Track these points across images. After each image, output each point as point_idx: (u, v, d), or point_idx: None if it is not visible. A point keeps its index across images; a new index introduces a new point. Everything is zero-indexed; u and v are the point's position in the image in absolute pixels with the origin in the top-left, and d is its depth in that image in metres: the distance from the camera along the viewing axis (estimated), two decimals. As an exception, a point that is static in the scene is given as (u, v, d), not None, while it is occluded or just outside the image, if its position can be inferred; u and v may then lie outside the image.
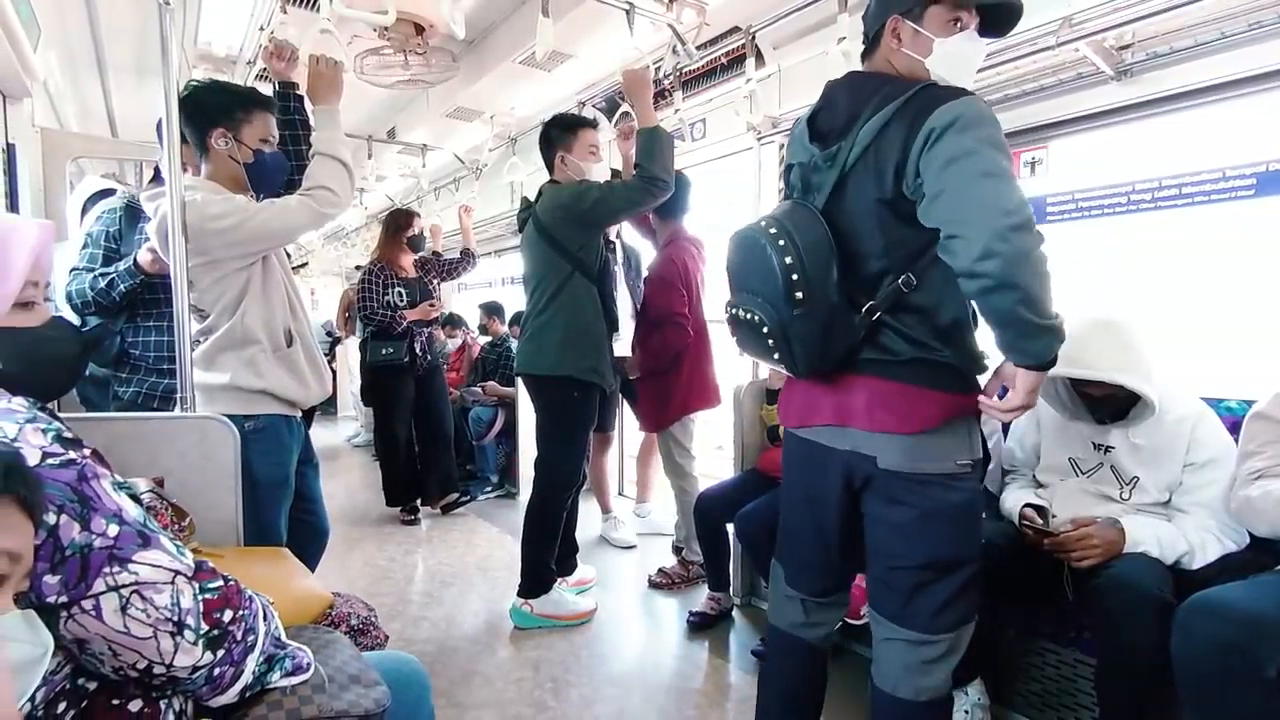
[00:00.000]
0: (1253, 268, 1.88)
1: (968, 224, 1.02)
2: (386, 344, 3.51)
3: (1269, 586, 1.30)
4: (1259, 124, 1.83)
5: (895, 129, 1.11)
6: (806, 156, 1.25)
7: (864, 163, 1.15)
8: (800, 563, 1.40)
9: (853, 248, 1.18)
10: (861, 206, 1.17)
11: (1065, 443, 1.77)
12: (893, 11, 1.20)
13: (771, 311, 1.17)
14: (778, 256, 1.14)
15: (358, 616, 1.27)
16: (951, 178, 1.04)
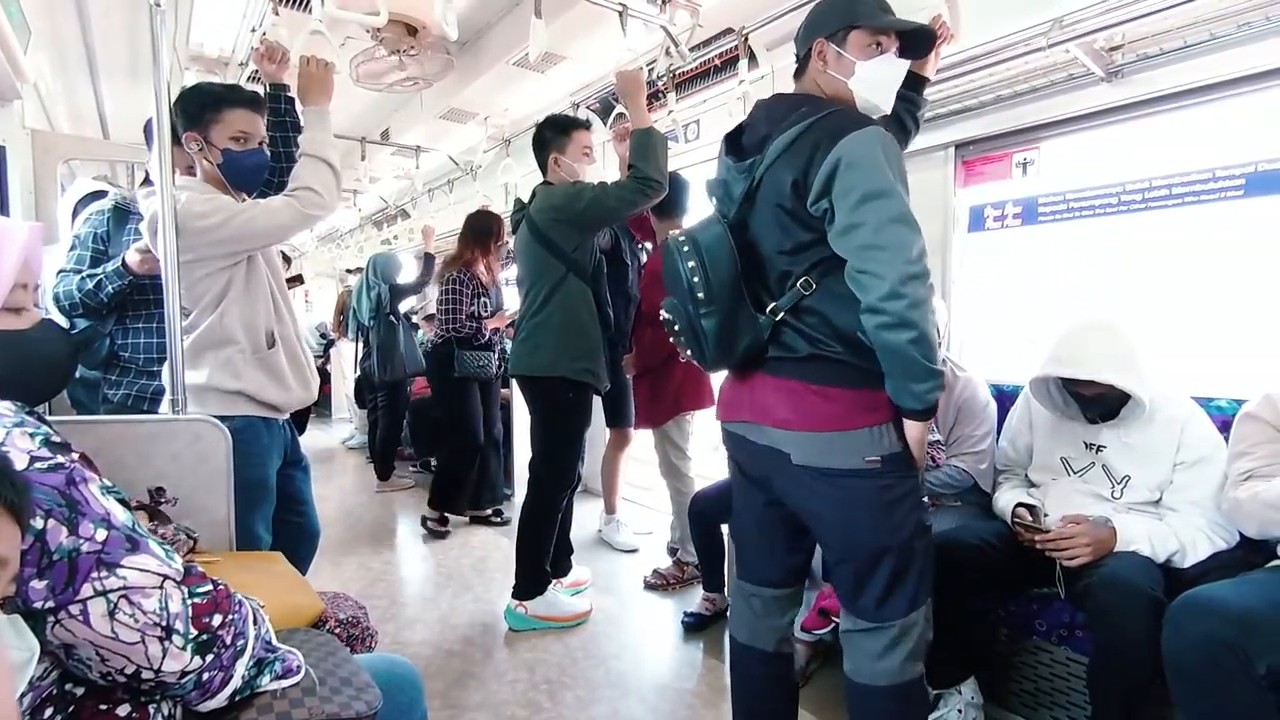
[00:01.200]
0: (1243, 268, 1.89)
1: (879, 264, 1.12)
2: (478, 354, 3.45)
3: (1259, 584, 1.31)
4: (1248, 125, 1.84)
5: (800, 145, 1.20)
6: (724, 170, 1.36)
7: (770, 176, 1.24)
8: (748, 552, 1.47)
9: (760, 252, 1.29)
10: (767, 216, 1.27)
11: (1057, 442, 1.79)
12: (818, 35, 1.31)
13: (681, 310, 1.28)
14: (682, 262, 1.25)
15: (349, 616, 1.26)
16: (867, 216, 1.13)
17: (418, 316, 5.32)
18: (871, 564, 1.25)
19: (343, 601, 1.36)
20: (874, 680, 1.28)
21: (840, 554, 1.29)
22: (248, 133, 1.63)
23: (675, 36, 2.48)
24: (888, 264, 1.11)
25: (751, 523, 1.44)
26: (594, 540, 3.34)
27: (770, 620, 1.45)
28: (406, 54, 2.32)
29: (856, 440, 1.22)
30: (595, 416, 2.82)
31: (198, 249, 1.53)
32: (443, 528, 3.49)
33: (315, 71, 1.72)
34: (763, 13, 2.42)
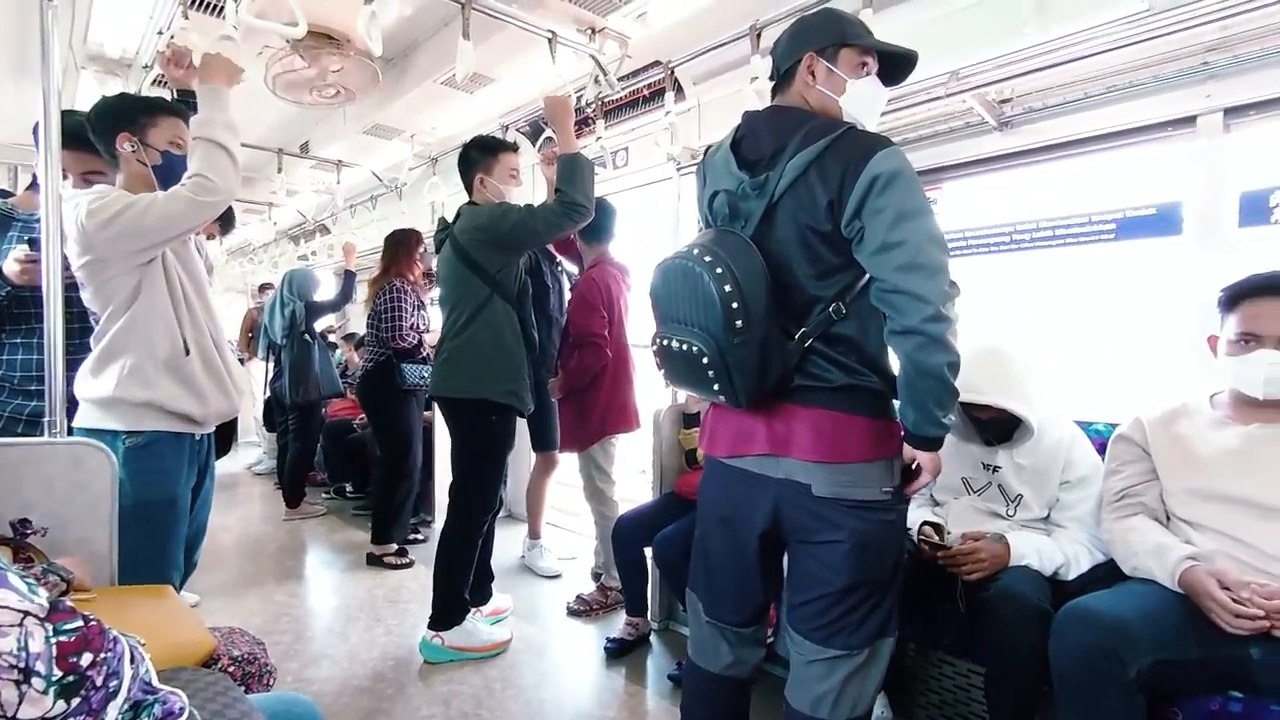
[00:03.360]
0: (1115, 303, 2.08)
1: (920, 285, 1.09)
2: (420, 366, 3.32)
3: (1131, 595, 1.42)
4: (1118, 175, 2.05)
5: (830, 165, 1.14)
6: (734, 184, 1.25)
7: (793, 194, 1.18)
8: (718, 591, 1.39)
9: (783, 276, 1.20)
10: (792, 235, 1.19)
11: (959, 463, 1.88)
12: (808, 48, 1.26)
13: (710, 341, 1.16)
14: (717, 285, 1.14)
15: (244, 653, 1.18)
16: (907, 234, 1.09)
17: (335, 335, 5.11)
18: (866, 594, 1.22)
19: (238, 637, 1.28)
20: (834, 715, 1.23)
21: (839, 586, 1.21)
22: (183, 140, 1.61)
23: (604, 66, 2.53)
24: (930, 285, 1.09)
25: (728, 563, 1.35)
26: (517, 566, 3.26)
27: (744, 651, 1.40)
28: (328, 67, 2.26)
29: (877, 471, 1.21)
30: (520, 440, 2.80)
31: (96, 248, 1.45)
32: (402, 560, 3.31)
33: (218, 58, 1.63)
34: (688, 48, 2.51)
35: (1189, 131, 1.85)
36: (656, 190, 3.28)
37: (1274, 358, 1.38)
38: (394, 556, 3.31)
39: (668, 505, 2.38)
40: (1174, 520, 1.52)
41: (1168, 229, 1.92)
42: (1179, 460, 1.53)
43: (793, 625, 1.30)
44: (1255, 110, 1.76)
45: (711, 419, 1.40)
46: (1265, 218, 1.75)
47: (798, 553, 1.28)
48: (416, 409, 3.42)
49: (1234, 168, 1.80)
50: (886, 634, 1.26)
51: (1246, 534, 1.39)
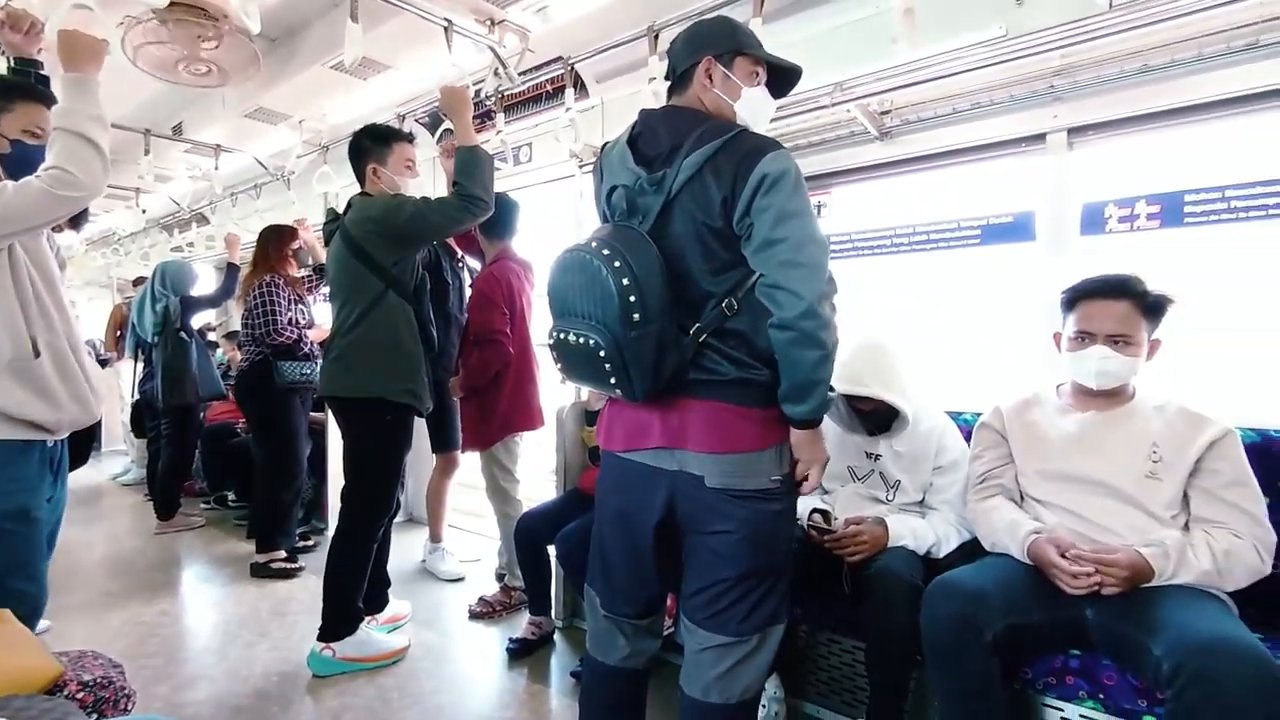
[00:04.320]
0: (980, 303, 2.27)
1: (797, 281, 1.14)
2: (300, 363, 3.11)
3: (988, 568, 1.56)
4: (984, 186, 2.24)
5: (724, 164, 1.18)
6: (631, 179, 1.27)
7: (689, 191, 1.20)
8: (615, 585, 1.41)
9: (678, 271, 1.22)
10: (687, 232, 1.21)
11: (844, 452, 1.99)
12: (707, 52, 1.30)
13: (608, 335, 1.17)
14: (615, 279, 1.15)
15: (96, 678, 1.08)
16: (788, 232, 1.14)
17: (216, 333, 4.75)
18: (758, 581, 1.25)
19: (90, 661, 1.17)
20: (727, 699, 1.27)
21: (732, 575, 1.25)
22: (43, 129, 1.50)
23: (504, 59, 2.50)
24: (806, 282, 1.14)
25: (624, 557, 1.37)
26: (419, 571, 3.16)
27: (641, 643, 1.42)
28: (200, 43, 2.09)
29: (765, 460, 1.24)
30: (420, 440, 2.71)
31: None
32: (291, 565, 3.14)
33: (82, 37, 1.48)
34: (589, 45, 2.51)
35: (1040, 148, 2.06)
36: (559, 187, 3.27)
37: (1104, 353, 1.55)
38: (282, 562, 3.12)
39: (571, 502, 2.38)
40: (1027, 499, 1.68)
41: (1023, 235, 2.12)
42: (1030, 445, 1.69)
43: (687, 614, 1.33)
44: (1094, 131, 1.98)
45: (608, 414, 1.41)
46: (1101, 227, 1.96)
47: (692, 544, 1.31)
48: (300, 408, 3.23)
49: (1076, 182, 2.02)
50: (777, 620, 1.31)
51: (1083, 508, 1.56)
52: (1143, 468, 1.52)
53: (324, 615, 2.17)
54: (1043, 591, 1.48)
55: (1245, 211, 1.76)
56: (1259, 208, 1.75)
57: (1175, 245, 1.87)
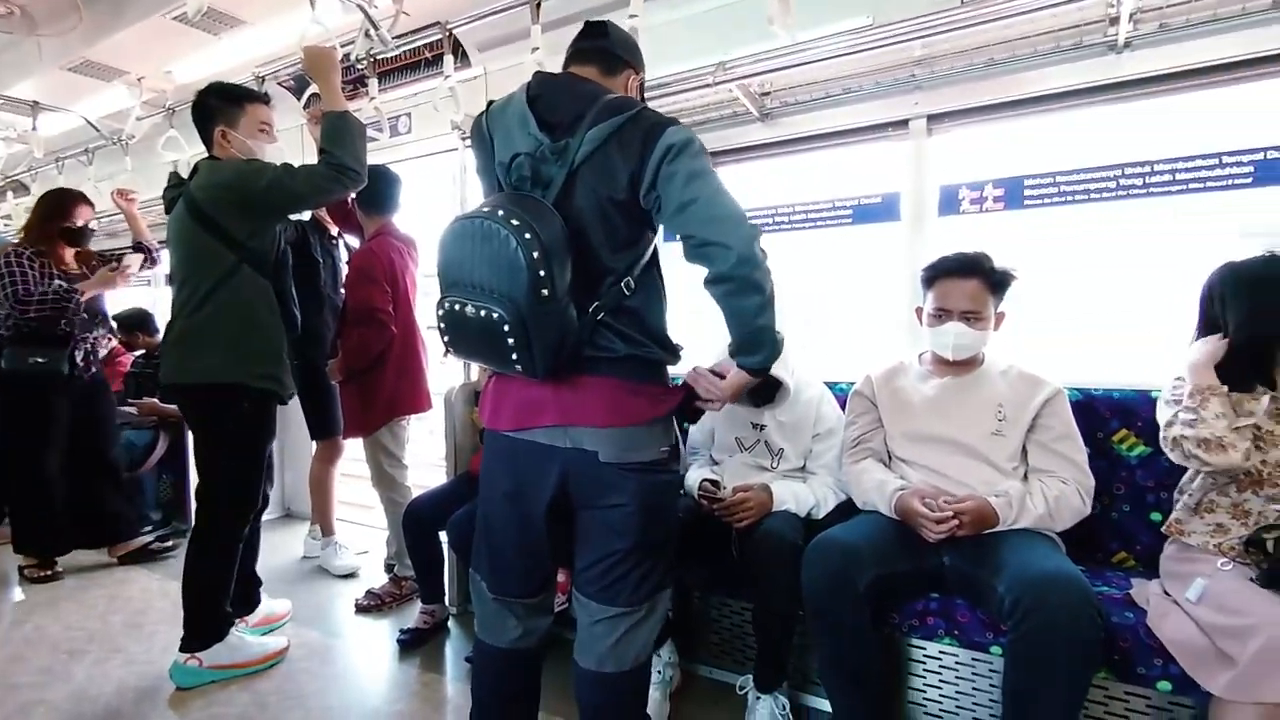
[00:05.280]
0: (853, 278, 2.42)
1: (724, 233, 1.14)
2: (37, 350, 2.68)
3: (862, 524, 1.68)
4: (856, 167, 2.36)
5: (630, 138, 1.16)
6: (533, 146, 1.21)
7: (592, 164, 1.18)
8: (504, 566, 1.38)
9: (579, 246, 1.19)
10: (590, 205, 1.19)
11: (732, 424, 2.07)
12: (634, 68, 1.36)
13: (513, 309, 1.12)
14: (524, 251, 1.09)
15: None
16: (698, 191, 1.14)
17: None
18: (647, 553, 1.27)
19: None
20: (620, 666, 1.29)
21: (624, 547, 1.26)
22: None
23: (375, 20, 2.33)
24: (733, 231, 1.14)
25: (514, 537, 1.35)
26: (303, 568, 2.98)
27: (533, 623, 1.40)
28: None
29: (654, 432, 1.26)
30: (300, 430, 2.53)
31: None
32: (47, 570, 2.86)
33: None
34: (467, 10, 2.40)
35: (904, 133, 2.20)
36: (441, 161, 3.13)
37: (959, 329, 1.71)
38: (37, 569, 2.87)
39: (462, 486, 2.32)
40: (894, 460, 1.82)
41: (890, 215, 2.27)
42: (896, 409, 1.83)
43: (579, 588, 1.34)
44: (950, 119, 2.14)
45: (494, 392, 1.37)
46: (956, 208, 2.14)
47: (585, 519, 1.31)
48: (56, 398, 2.81)
49: (935, 166, 2.18)
50: (664, 586, 1.35)
51: (941, 465, 1.71)
52: (990, 426, 1.69)
53: (186, 623, 1.99)
54: (907, 543, 1.61)
55: (1074, 195, 1.98)
56: (1082, 192, 1.97)
57: (1018, 225, 2.07)
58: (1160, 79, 1.84)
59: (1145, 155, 1.89)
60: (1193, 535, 1.51)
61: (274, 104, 2.16)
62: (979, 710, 1.64)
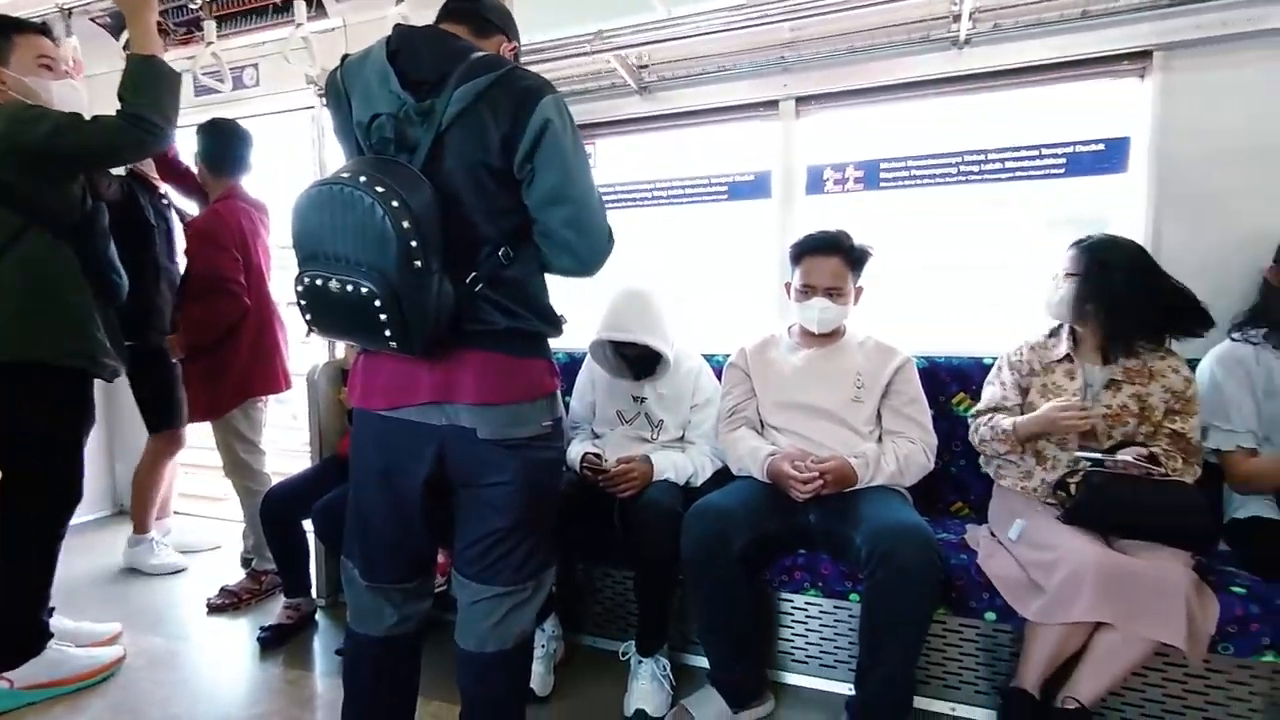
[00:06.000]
0: (730, 253, 2.49)
1: (585, 247, 1.20)
2: None
3: (737, 490, 1.76)
4: (731, 144, 2.42)
5: (501, 100, 1.11)
6: (395, 105, 1.13)
7: (463, 126, 1.11)
8: (378, 551, 1.32)
9: (452, 213, 1.12)
10: (462, 170, 1.12)
11: (613, 398, 2.08)
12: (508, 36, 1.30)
13: (384, 283, 1.04)
14: (393, 220, 1.01)
15: None
16: (574, 191, 1.15)
17: None
18: (530, 530, 1.25)
19: None
20: (503, 645, 1.26)
21: (506, 525, 1.23)
22: None
23: (211, -48, 2.07)
24: (593, 248, 1.20)
25: (388, 521, 1.28)
26: (128, 571, 2.67)
27: (411, 608, 1.34)
28: None
29: (537, 408, 1.23)
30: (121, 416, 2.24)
31: None
32: None
33: None
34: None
35: (774, 113, 2.28)
36: (296, 120, 2.86)
37: (824, 304, 1.82)
38: None
39: (328, 470, 2.17)
40: (766, 427, 1.91)
41: (762, 193, 2.36)
42: (767, 379, 1.92)
43: (460, 569, 1.29)
44: (816, 101, 2.25)
45: (363, 370, 1.28)
46: (821, 188, 2.26)
47: (465, 497, 1.27)
48: None
49: (803, 146, 2.28)
50: (549, 564, 1.34)
51: (809, 431, 1.82)
52: (850, 393, 1.82)
53: (-7, 641, 1.73)
54: (778, 505, 1.71)
55: (922, 179, 2.15)
56: (929, 176, 2.15)
57: (877, 204, 2.23)
58: (995, 75, 2.03)
59: (982, 145, 2.09)
60: (1006, 479, 1.72)
61: (80, 42, 1.86)
62: (839, 653, 1.79)
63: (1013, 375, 1.74)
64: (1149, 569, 1.38)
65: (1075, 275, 1.64)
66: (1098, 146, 1.97)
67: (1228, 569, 1.51)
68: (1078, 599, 1.39)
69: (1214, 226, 1.82)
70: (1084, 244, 1.66)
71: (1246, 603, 1.39)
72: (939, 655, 1.71)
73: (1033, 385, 1.71)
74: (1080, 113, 2.01)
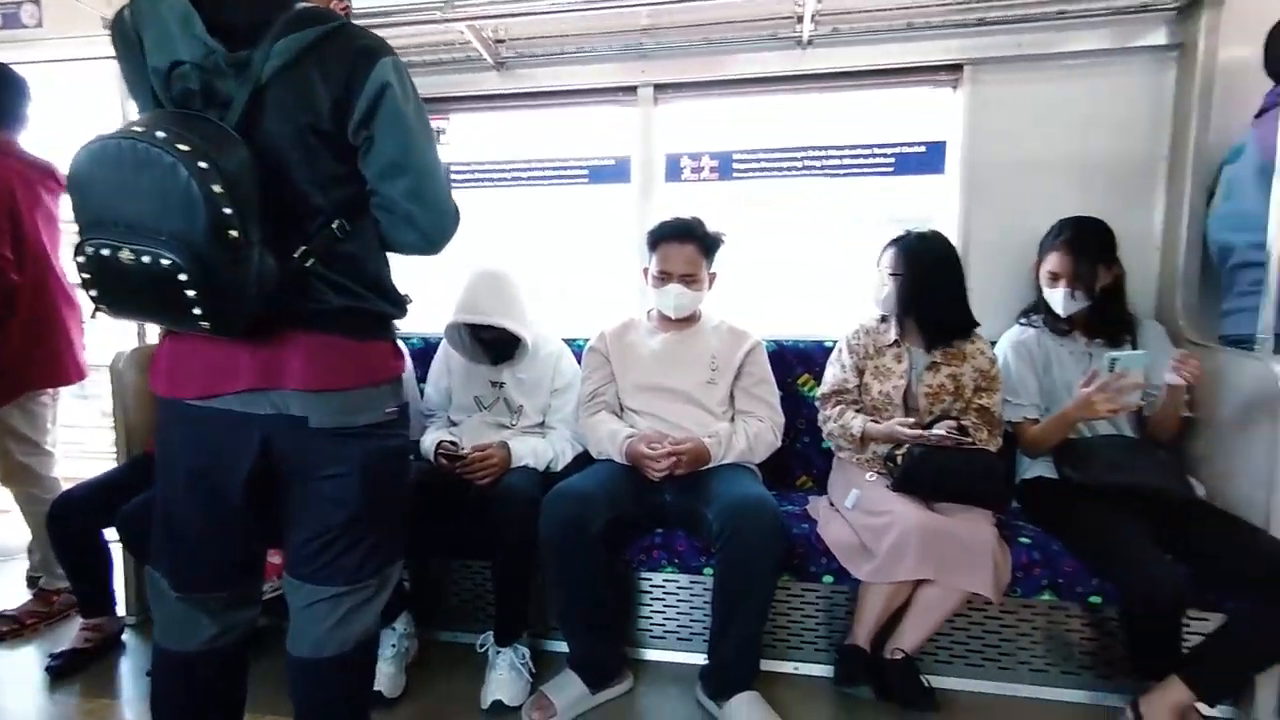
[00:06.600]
0: (591, 237, 2.48)
1: (428, 224, 1.14)
2: None
3: (596, 473, 1.77)
4: (595, 127, 2.40)
5: (332, 58, 1.01)
6: (200, 53, 0.99)
7: (286, 83, 1.01)
8: (190, 557, 1.17)
9: (278, 180, 1.02)
10: (286, 133, 1.02)
11: (470, 384, 2.01)
12: None
13: (190, 255, 0.91)
14: (201, 183, 0.89)
15: None
16: (415, 159, 1.09)
17: None
18: (373, 523, 1.16)
19: None
20: (343, 648, 1.16)
21: (344, 519, 1.13)
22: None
23: None
24: (437, 224, 1.15)
25: (205, 523, 1.14)
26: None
27: (234, 617, 1.20)
28: None
29: (381, 393, 1.15)
30: None
31: None
32: None
33: None
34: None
35: (633, 99, 2.29)
36: (90, 69, 2.47)
37: (680, 290, 1.86)
38: None
39: (137, 471, 1.91)
40: (626, 410, 1.94)
41: (622, 178, 2.37)
42: (627, 363, 1.94)
43: (293, 569, 1.18)
44: (674, 90, 2.29)
45: (169, 354, 1.12)
46: (679, 176, 2.31)
47: (298, 492, 1.15)
48: None
49: (661, 134, 2.32)
50: (396, 559, 1.26)
51: (666, 412, 1.87)
52: (704, 376, 1.88)
53: None
54: (636, 486, 1.74)
55: (771, 171, 2.27)
56: (777, 168, 2.27)
57: (732, 194, 2.32)
58: (834, 76, 2.18)
59: (824, 141, 2.23)
60: (844, 452, 1.87)
61: None
62: (695, 625, 1.86)
63: (851, 358, 1.88)
64: (961, 528, 1.55)
65: (896, 275, 1.80)
66: (920, 149, 2.18)
67: (1017, 523, 1.74)
68: (904, 559, 1.53)
69: (1013, 225, 2.07)
70: (900, 243, 1.82)
71: (1030, 551, 1.61)
72: (784, 619, 1.82)
73: (867, 368, 1.86)
74: (909, 117, 2.21)
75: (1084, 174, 2.06)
